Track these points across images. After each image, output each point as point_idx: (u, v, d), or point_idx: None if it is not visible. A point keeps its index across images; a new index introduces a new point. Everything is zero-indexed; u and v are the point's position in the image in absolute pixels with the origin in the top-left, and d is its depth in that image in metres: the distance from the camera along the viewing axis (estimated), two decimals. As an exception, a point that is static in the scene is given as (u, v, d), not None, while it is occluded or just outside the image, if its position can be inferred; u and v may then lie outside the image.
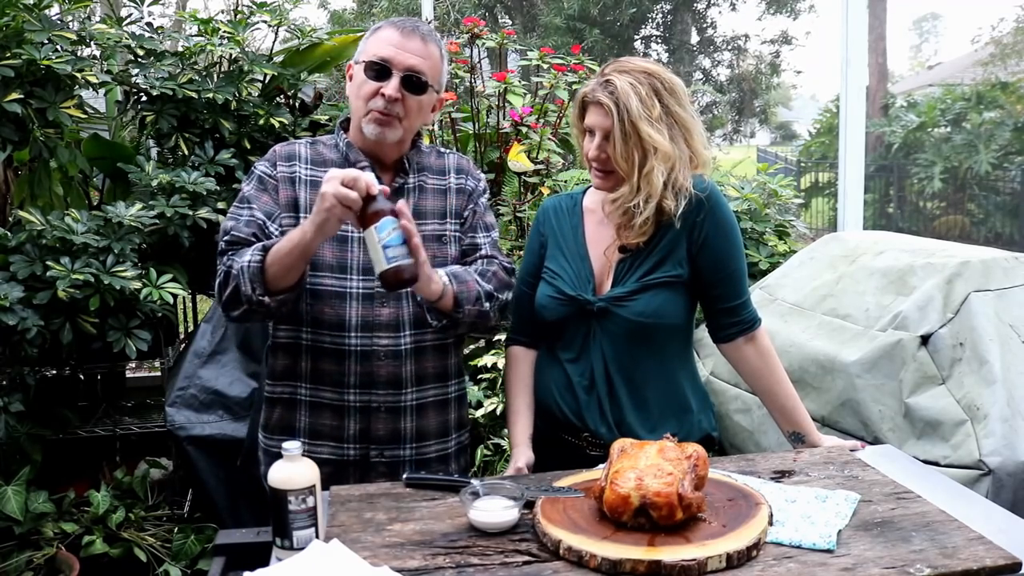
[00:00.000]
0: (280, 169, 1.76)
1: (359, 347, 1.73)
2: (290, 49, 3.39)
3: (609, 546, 1.28)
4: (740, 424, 2.67)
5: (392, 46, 1.69)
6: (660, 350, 1.79)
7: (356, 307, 1.73)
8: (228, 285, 1.63)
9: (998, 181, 12.03)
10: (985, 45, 18.47)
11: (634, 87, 1.69)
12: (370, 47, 1.72)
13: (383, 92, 1.68)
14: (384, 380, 1.74)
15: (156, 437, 3.04)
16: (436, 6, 4.50)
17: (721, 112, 16.49)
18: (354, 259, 1.73)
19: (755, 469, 1.63)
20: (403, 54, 1.69)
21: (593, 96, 1.72)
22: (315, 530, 1.36)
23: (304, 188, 1.75)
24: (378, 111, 1.69)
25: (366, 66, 1.70)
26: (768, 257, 3.32)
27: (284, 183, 1.75)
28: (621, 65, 1.74)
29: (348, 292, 1.73)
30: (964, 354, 2.20)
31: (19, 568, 2.54)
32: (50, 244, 2.56)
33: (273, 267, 1.59)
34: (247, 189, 1.76)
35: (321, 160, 1.78)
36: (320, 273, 1.72)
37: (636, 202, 1.71)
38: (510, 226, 3.41)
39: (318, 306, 1.73)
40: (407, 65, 1.69)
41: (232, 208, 1.76)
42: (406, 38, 1.70)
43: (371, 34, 1.75)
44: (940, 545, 1.30)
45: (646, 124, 1.68)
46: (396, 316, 1.74)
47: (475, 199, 1.85)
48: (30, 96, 2.62)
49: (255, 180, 1.77)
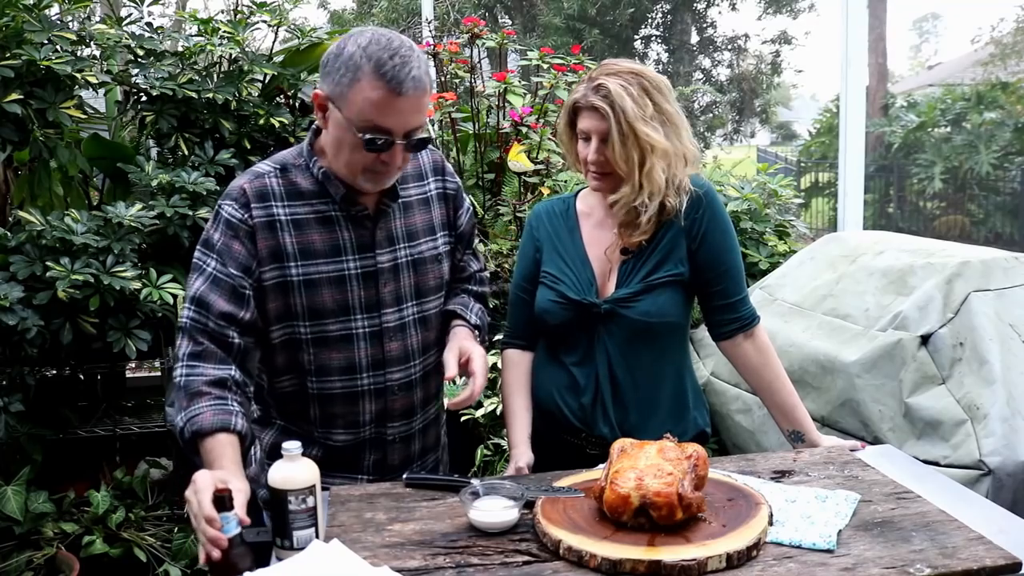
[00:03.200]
0: (255, 213, 1.55)
1: (372, 386, 1.66)
2: (290, 49, 3.39)
3: (609, 546, 1.28)
4: (741, 424, 2.67)
5: (388, 114, 1.46)
6: (662, 348, 1.80)
7: (364, 347, 1.63)
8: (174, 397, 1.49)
9: (998, 181, 12.03)
10: (985, 45, 18.49)
11: (626, 88, 1.69)
12: (358, 107, 1.46)
13: (384, 160, 1.51)
14: (399, 412, 1.70)
15: (156, 437, 3.04)
16: (436, 6, 4.50)
17: (721, 112, 16.49)
18: (355, 298, 1.61)
19: (755, 469, 1.63)
20: (402, 119, 1.48)
21: (586, 101, 1.71)
22: (315, 530, 1.36)
23: (287, 232, 1.57)
24: (377, 171, 1.54)
25: (361, 134, 1.47)
26: (768, 257, 3.32)
27: (262, 230, 1.55)
28: (608, 68, 1.74)
29: (355, 333, 1.62)
30: (964, 354, 2.20)
31: (19, 568, 2.54)
32: (50, 244, 2.56)
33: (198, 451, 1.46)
34: (215, 236, 1.55)
35: (296, 192, 1.59)
36: (324, 320, 1.60)
37: (640, 201, 1.72)
38: (510, 226, 3.41)
39: (324, 353, 1.62)
40: (408, 129, 1.50)
41: (197, 254, 1.57)
42: (400, 96, 1.45)
43: (351, 80, 1.45)
44: (940, 545, 1.30)
45: (642, 123, 1.68)
46: (404, 348, 1.68)
47: (460, 203, 1.79)
48: (30, 96, 2.63)
49: (222, 225, 1.55)
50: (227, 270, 1.53)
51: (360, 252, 1.61)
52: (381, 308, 1.64)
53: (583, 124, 1.74)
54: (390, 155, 1.51)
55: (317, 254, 1.59)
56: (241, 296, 1.54)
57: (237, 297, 1.53)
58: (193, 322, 1.53)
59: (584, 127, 1.74)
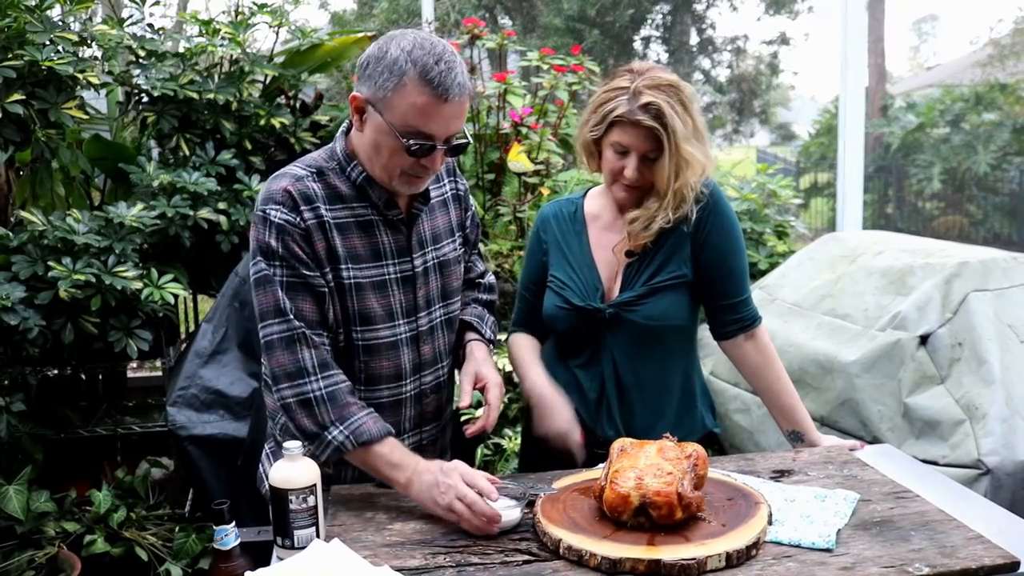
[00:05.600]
0: (305, 215, 1.50)
1: (412, 392, 1.66)
2: (291, 50, 3.40)
3: (609, 545, 1.28)
4: (740, 424, 2.68)
5: (434, 121, 1.44)
6: (668, 350, 1.81)
7: (407, 353, 1.63)
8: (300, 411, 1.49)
9: (997, 182, 12.04)
10: (984, 46, 18.48)
11: (671, 106, 1.66)
12: (403, 112, 1.44)
13: (425, 164, 1.50)
14: (431, 414, 1.72)
15: (157, 437, 3.04)
16: (436, 6, 4.50)
17: (721, 112, 16.48)
18: (397, 303, 1.60)
19: (755, 469, 1.63)
20: (446, 124, 1.46)
21: (632, 117, 1.66)
22: (316, 529, 1.37)
23: (335, 234, 1.53)
24: (415, 175, 1.53)
25: (403, 139, 1.45)
26: (767, 257, 3.33)
27: (315, 231, 1.51)
28: (650, 80, 1.68)
29: (399, 339, 1.62)
30: (963, 354, 2.20)
31: (21, 567, 2.54)
32: (52, 244, 2.56)
33: (354, 459, 1.51)
34: (272, 243, 1.49)
35: (337, 195, 1.55)
36: (374, 326, 1.58)
37: (664, 216, 1.72)
38: (510, 226, 3.41)
39: (376, 361, 1.60)
40: (450, 134, 1.49)
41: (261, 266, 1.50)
42: (447, 103, 1.43)
43: (396, 86, 1.43)
44: (939, 544, 1.31)
45: (686, 143, 1.67)
46: (434, 351, 1.69)
47: (468, 204, 1.80)
48: (32, 97, 2.63)
49: (274, 230, 1.49)
50: (299, 271, 1.50)
51: (399, 256, 1.61)
52: (417, 312, 1.64)
53: (623, 139, 1.69)
54: (430, 160, 1.49)
55: (361, 259, 1.57)
56: (322, 296, 1.52)
57: (318, 297, 1.52)
58: (290, 331, 1.49)
59: (625, 142, 1.69)
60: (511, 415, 2.98)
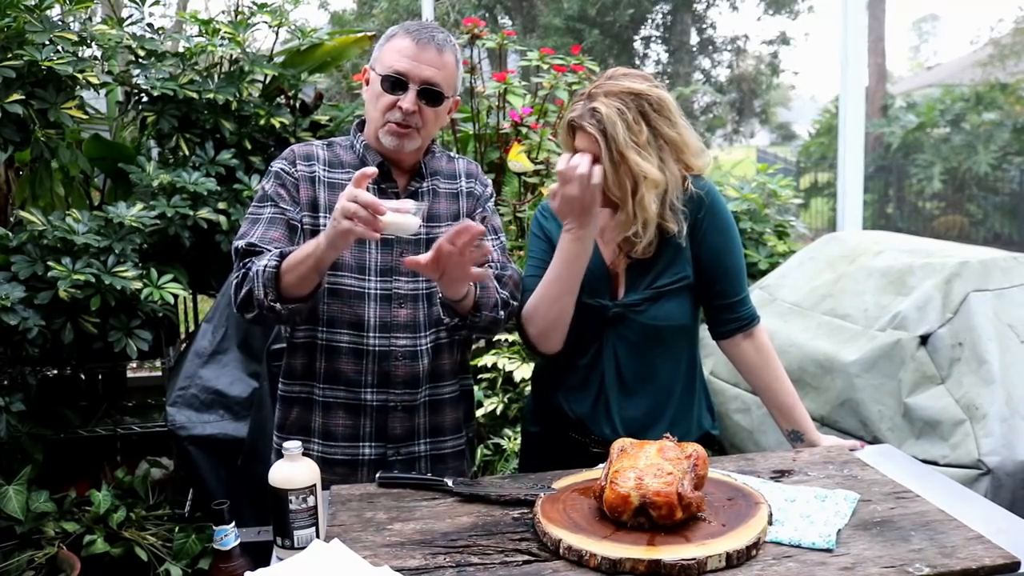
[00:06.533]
0: (300, 167, 1.75)
1: (377, 347, 1.73)
2: (290, 50, 3.40)
3: (609, 545, 1.28)
4: (740, 424, 2.68)
5: (408, 58, 1.68)
6: (671, 351, 1.81)
7: (374, 308, 1.73)
8: (243, 287, 1.63)
9: (997, 181, 12.05)
10: (984, 46, 18.49)
11: (621, 113, 1.64)
12: (386, 57, 1.71)
13: (400, 105, 1.68)
14: (401, 379, 1.75)
15: (157, 437, 3.05)
16: (436, 6, 4.50)
17: (721, 112, 16.49)
18: (372, 260, 1.74)
19: (755, 468, 1.63)
20: (419, 67, 1.68)
21: (579, 122, 1.68)
22: (316, 529, 1.37)
23: (323, 188, 1.75)
24: (396, 123, 1.70)
25: (382, 79, 1.69)
26: (767, 257, 3.33)
27: (304, 182, 1.74)
28: (608, 86, 1.69)
29: (367, 292, 1.73)
30: (963, 354, 2.20)
31: (20, 567, 2.54)
32: (51, 244, 2.56)
33: (288, 275, 1.59)
34: (268, 187, 1.75)
35: (338, 162, 1.78)
36: (340, 272, 1.72)
37: (635, 230, 1.70)
38: (510, 226, 3.41)
39: (336, 305, 1.73)
40: (423, 78, 1.68)
41: (252, 207, 1.75)
42: (421, 49, 1.68)
43: (386, 41, 1.73)
44: (939, 544, 1.31)
45: (633, 152, 1.65)
46: (414, 318, 1.75)
47: (483, 203, 1.86)
48: (31, 97, 2.63)
49: (273, 178, 1.76)
50: (281, 207, 1.72)
51: None
52: (395, 274, 1.74)
53: (578, 143, 1.71)
54: (406, 99, 1.67)
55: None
56: (295, 229, 1.71)
57: (291, 230, 1.71)
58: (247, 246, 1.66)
59: (579, 146, 1.70)
60: (511, 415, 2.98)
